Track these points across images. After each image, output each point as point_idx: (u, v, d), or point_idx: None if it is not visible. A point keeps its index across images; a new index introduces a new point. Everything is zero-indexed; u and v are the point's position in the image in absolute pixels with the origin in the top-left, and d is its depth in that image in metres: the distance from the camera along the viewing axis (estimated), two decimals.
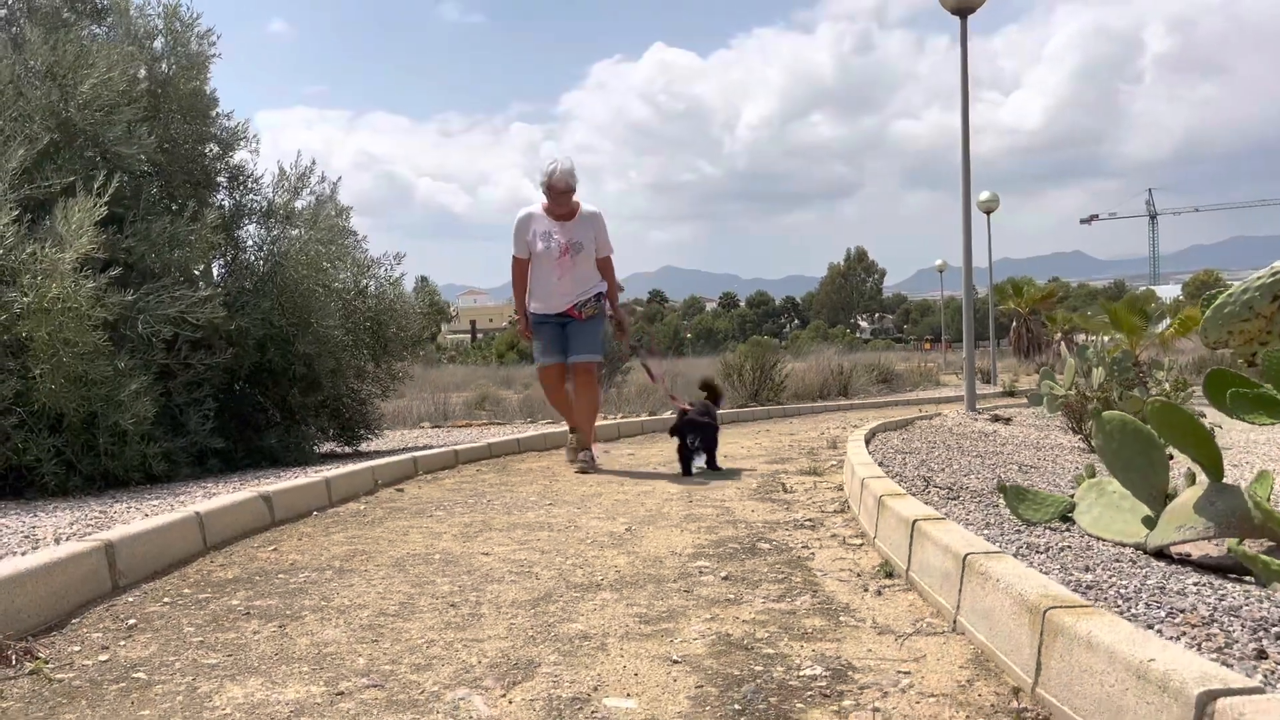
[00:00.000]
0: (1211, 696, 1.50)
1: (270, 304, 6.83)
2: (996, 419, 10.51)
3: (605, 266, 6.44)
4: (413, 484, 5.69)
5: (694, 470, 5.90)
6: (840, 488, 5.29)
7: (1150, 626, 2.06)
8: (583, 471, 6.08)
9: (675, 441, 6.23)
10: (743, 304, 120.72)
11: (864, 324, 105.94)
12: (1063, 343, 9.53)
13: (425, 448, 7.50)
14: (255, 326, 6.68)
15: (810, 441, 8.45)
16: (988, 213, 22.68)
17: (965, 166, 11.29)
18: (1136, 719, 1.66)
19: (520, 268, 6.42)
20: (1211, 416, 4.24)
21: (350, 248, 8.09)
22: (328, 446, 7.98)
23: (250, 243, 7.64)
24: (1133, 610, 2.22)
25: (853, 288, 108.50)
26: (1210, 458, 3.12)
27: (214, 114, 7.40)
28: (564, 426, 10.54)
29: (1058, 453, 7.59)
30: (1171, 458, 3.78)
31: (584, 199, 6.51)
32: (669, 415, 10.65)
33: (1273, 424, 3.02)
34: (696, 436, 5.89)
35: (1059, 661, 1.95)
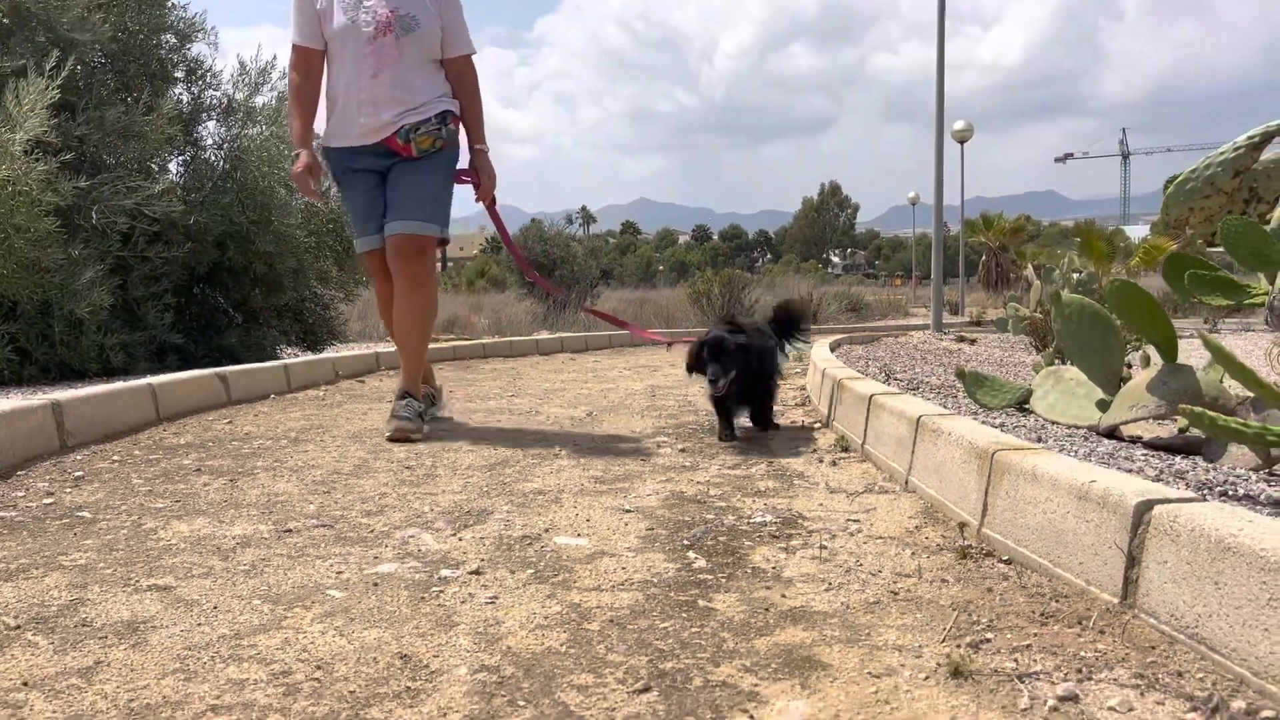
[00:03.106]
0: (1148, 505, 1.51)
1: (230, 200, 6.69)
2: (962, 339, 10.60)
3: (461, 75, 3.63)
4: (374, 377, 5.65)
5: (736, 431, 3.55)
6: (802, 388, 5.31)
7: None
8: (399, 438, 3.38)
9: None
10: (716, 237, 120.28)
11: (836, 259, 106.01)
12: (1030, 268, 9.57)
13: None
14: (214, 223, 6.55)
15: None
16: (962, 142, 22.59)
17: (940, 85, 11.20)
18: (1076, 539, 1.68)
19: (303, 63, 3.56)
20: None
21: (315, 152, 7.92)
22: (291, 351, 7.89)
23: (210, 141, 7.45)
24: None
25: (826, 223, 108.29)
26: (1165, 338, 3.13)
27: (169, 3, 7.15)
28: (543, 334, 9.69)
29: (1020, 369, 7.65)
30: (1129, 358, 3.80)
31: (558, 127, 4.92)
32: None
33: (1229, 304, 3.04)
34: (721, 369, 3.28)
35: (1004, 499, 1.97)
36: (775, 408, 3.79)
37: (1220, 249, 3.01)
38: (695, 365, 3.36)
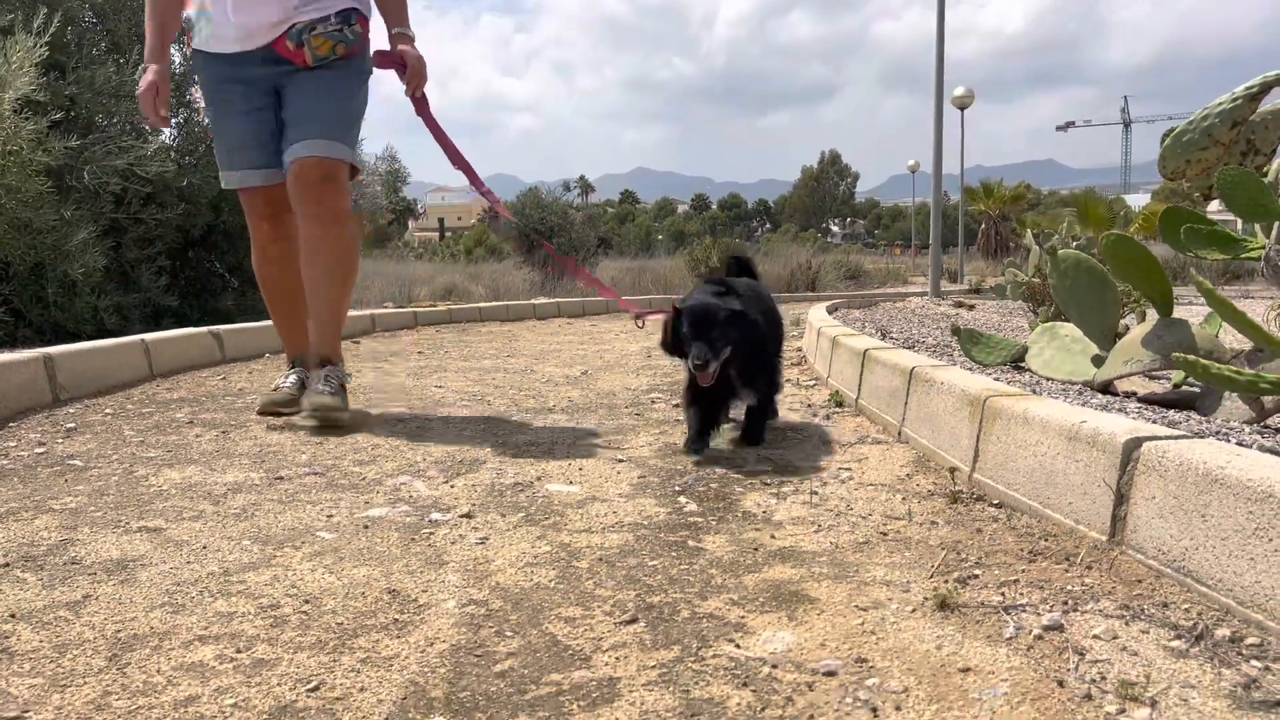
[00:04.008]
0: (1137, 443, 1.51)
1: None
2: (960, 305, 10.58)
3: None
4: (369, 339, 5.65)
5: (709, 444, 2.44)
6: (799, 349, 5.31)
7: None
8: (323, 421, 2.70)
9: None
10: (715, 207, 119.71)
11: (835, 228, 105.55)
12: (1030, 234, 9.55)
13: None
14: (208, 185, 6.49)
15: None
16: (962, 109, 22.40)
17: (940, 48, 11.11)
18: (1065, 479, 1.67)
19: None
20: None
21: None
22: None
23: (202, 103, 7.39)
24: None
25: (825, 192, 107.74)
26: (1161, 293, 3.12)
27: None
28: (540, 300, 9.43)
29: (1018, 334, 7.63)
30: (1125, 321, 3.78)
31: (556, 95, 4.04)
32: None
33: (1225, 259, 3.02)
34: (710, 349, 2.26)
35: (995, 444, 1.97)
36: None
37: (1217, 201, 2.99)
38: (672, 345, 2.36)
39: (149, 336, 3.60)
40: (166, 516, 1.81)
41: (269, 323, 5.09)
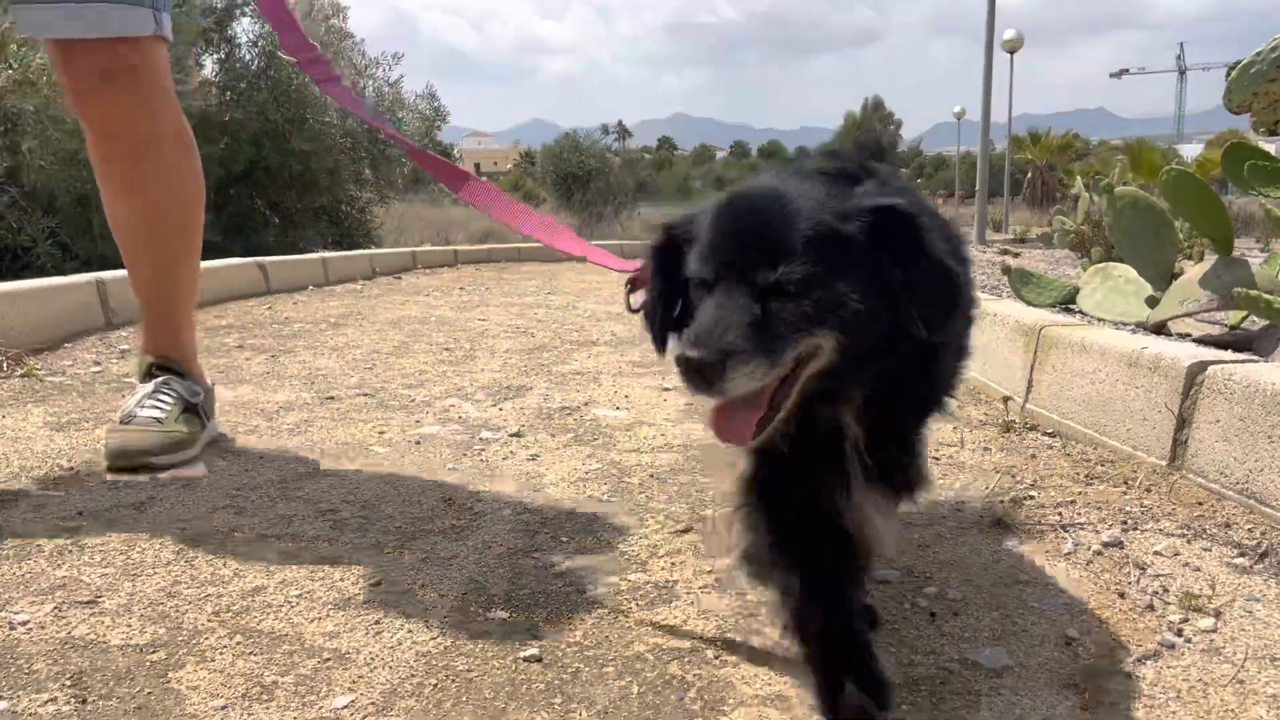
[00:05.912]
0: (1202, 366, 1.48)
1: (265, 98, 6.66)
2: (1005, 253, 10.41)
3: None
4: (410, 275, 5.68)
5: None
6: None
7: None
8: (125, 466, 1.52)
9: None
10: (754, 154, 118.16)
11: None
12: (1079, 182, 9.30)
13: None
14: (251, 120, 6.53)
15: None
16: (1011, 53, 21.78)
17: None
18: (1124, 406, 1.65)
19: None
20: None
21: (346, 49, 7.85)
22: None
23: (244, 38, 7.39)
24: None
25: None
26: (1221, 231, 3.04)
27: None
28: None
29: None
30: (1179, 266, 3.71)
31: (596, 39, 4.19)
32: None
33: None
34: (749, 343, 0.77)
35: (1050, 374, 1.94)
36: None
37: (1274, 145, 2.89)
38: (660, 317, 1.05)
39: None
40: (222, 429, 1.84)
41: (313, 256, 5.13)
